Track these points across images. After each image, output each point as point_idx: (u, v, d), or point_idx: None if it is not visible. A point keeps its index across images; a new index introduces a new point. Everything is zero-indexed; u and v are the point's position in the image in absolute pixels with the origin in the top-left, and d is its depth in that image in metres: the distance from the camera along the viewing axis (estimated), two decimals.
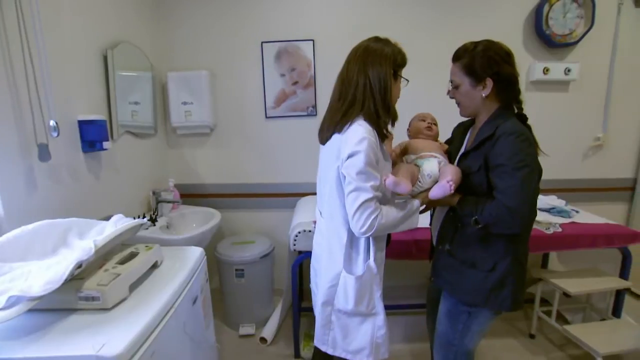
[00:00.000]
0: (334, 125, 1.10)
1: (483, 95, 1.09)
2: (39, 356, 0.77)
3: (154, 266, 1.17)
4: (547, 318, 2.02)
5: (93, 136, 1.51)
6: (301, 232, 1.77)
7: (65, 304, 0.92)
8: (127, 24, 1.94)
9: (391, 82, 1.07)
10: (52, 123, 1.25)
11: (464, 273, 1.15)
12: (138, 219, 1.24)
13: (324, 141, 1.18)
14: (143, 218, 1.64)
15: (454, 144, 1.29)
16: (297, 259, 1.83)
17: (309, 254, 1.66)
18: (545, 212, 2.03)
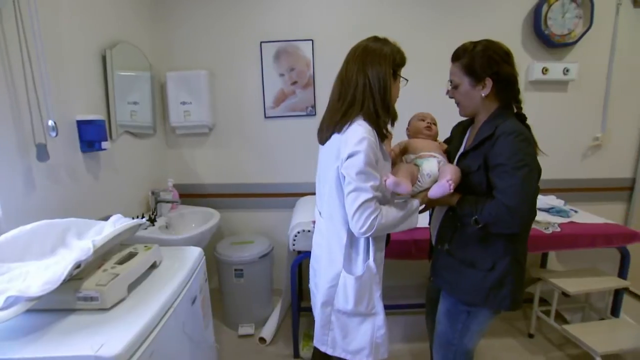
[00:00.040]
0: (334, 125, 1.09)
1: (482, 95, 1.09)
2: (37, 356, 0.77)
3: (153, 266, 1.17)
4: (546, 318, 2.02)
5: (92, 136, 1.51)
6: (300, 232, 1.77)
7: (63, 304, 0.92)
8: (125, 23, 1.94)
9: (390, 82, 1.07)
10: (51, 123, 1.24)
11: (463, 273, 1.15)
12: (137, 219, 1.24)
13: (323, 141, 1.18)
14: (142, 218, 1.64)
15: (453, 143, 1.29)
16: (296, 259, 1.83)
17: (308, 253, 1.66)
18: (544, 211, 2.03)
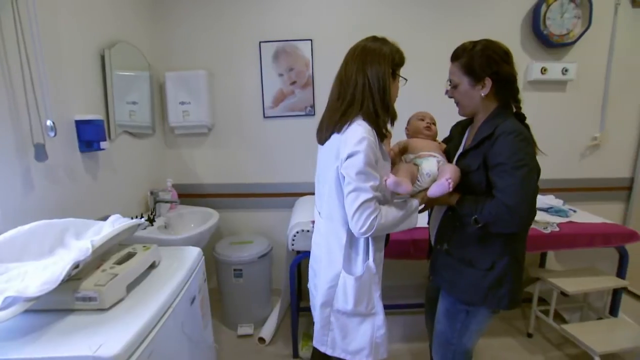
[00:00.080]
0: (333, 125, 1.09)
1: (482, 94, 1.09)
2: (35, 357, 0.76)
3: (152, 266, 1.17)
4: (544, 317, 2.02)
5: (90, 136, 1.50)
6: (299, 232, 1.77)
7: (62, 305, 0.91)
8: (124, 23, 1.93)
9: (390, 81, 1.07)
10: (49, 123, 1.24)
11: (462, 272, 1.15)
12: (136, 219, 1.24)
13: (322, 141, 1.17)
14: (141, 218, 1.63)
15: (452, 142, 1.29)
16: (295, 259, 1.83)
17: (307, 253, 1.66)
18: (543, 211, 2.03)
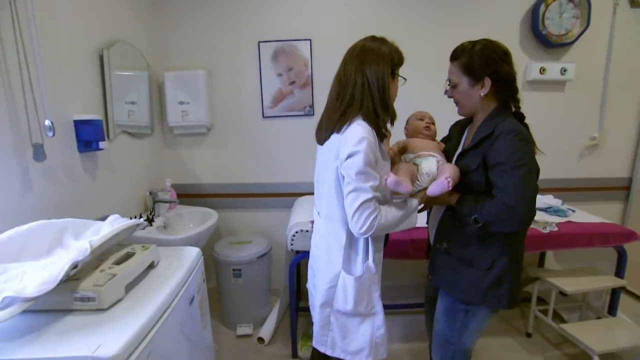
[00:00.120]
0: (333, 125, 1.09)
1: (481, 94, 1.09)
2: (34, 357, 0.76)
3: (151, 266, 1.16)
4: (543, 317, 2.03)
5: (89, 136, 1.50)
6: (298, 232, 1.77)
7: (60, 305, 0.91)
8: (123, 23, 1.93)
9: (389, 81, 1.07)
10: (48, 123, 1.24)
11: (461, 271, 1.15)
12: (134, 219, 1.24)
13: (322, 141, 1.17)
14: (140, 218, 1.63)
15: (451, 141, 1.29)
16: (294, 259, 1.83)
17: (306, 253, 1.66)
18: (542, 211, 2.04)
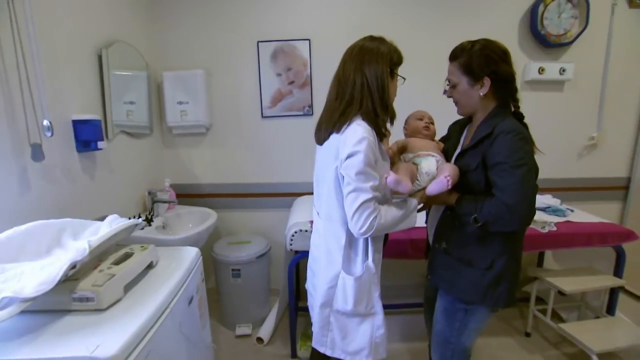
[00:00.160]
0: (332, 124, 1.09)
1: (481, 94, 1.09)
2: (32, 358, 0.76)
3: (150, 266, 1.16)
4: (542, 316, 2.03)
5: (87, 136, 1.50)
6: (297, 231, 1.77)
7: (59, 305, 0.91)
8: (121, 23, 1.92)
9: (388, 81, 1.07)
10: (46, 123, 1.23)
11: (460, 271, 1.15)
12: (133, 219, 1.24)
13: (321, 141, 1.16)
14: (138, 218, 1.63)
15: (450, 141, 1.29)
16: (293, 259, 1.82)
17: (305, 253, 1.66)
18: (541, 211, 2.04)
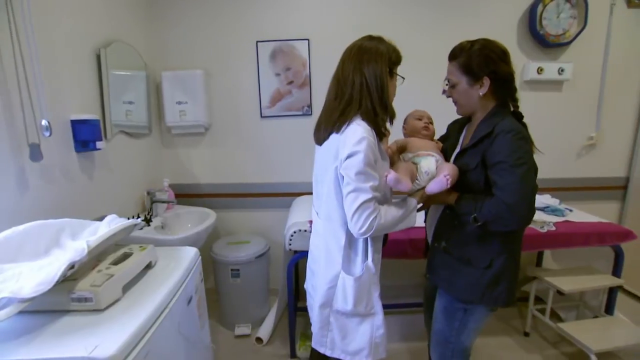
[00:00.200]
0: (332, 124, 1.08)
1: (480, 93, 1.09)
2: (30, 358, 0.76)
3: (148, 266, 1.16)
4: (541, 316, 2.03)
5: (86, 136, 1.49)
6: (297, 231, 1.77)
7: (57, 306, 0.91)
8: (120, 22, 1.92)
9: (387, 80, 1.07)
10: (44, 123, 1.23)
11: (460, 270, 1.16)
12: (132, 219, 1.23)
13: (320, 142, 1.16)
14: (137, 218, 1.63)
15: (449, 140, 1.29)
16: (292, 259, 1.82)
17: (304, 253, 1.66)
18: (540, 210, 2.04)
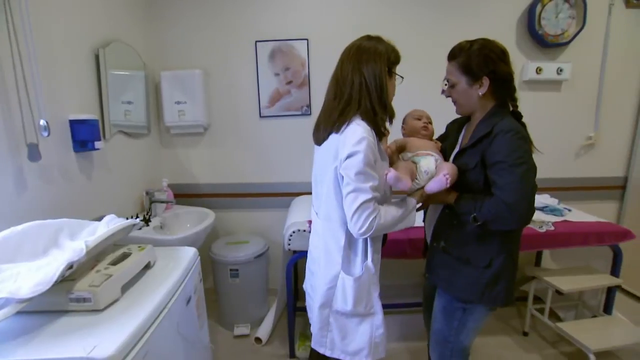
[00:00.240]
0: (331, 125, 1.08)
1: (479, 93, 1.09)
2: (28, 359, 0.76)
3: (147, 267, 1.16)
4: (540, 316, 2.03)
5: (84, 136, 1.49)
6: (295, 231, 1.77)
7: (55, 306, 0.91)
8: (119, 22, 1.92)
9: (386, 80, 1.07)
10: (43, 122, 1.23)
11: (459, 270, 1.16)
12: (131, 219, 1.23)
13: (320, 142, 1.16)
14: (136, 218, 1.62)
15: (448, 139, 1.29)
16: (291, 259, 1.82)
17: (303, 253, 1.66)
18: (539, 210, 2.04)
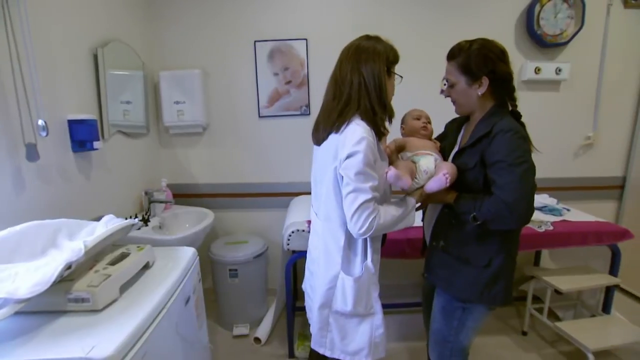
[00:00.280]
0: (331, 125, 1.08)
1: (479, 93, 1.09)
2: (27, 359, 0.75)
3: (146, 267, 1.15)
4: (539, 315, 2.04)
5: (83, 136, 1.49)
6: (295, 231, 1.77)
7: (54, 306, 0.90)
8: (117, 22, 1.91)
9: (385, 79, 1.07)
10: (41, 122, 1.22)
11: (458, 269, 1.16)
12: (130, 219, 1.23)
13: (319, 142, 1.15)
14: (135, 218, 1.62)
15: (447, 139, 1.29)
16: (290, 259, 1.82)
17: (302, 253, 1.66)
18: (537, 210, 2.05)
